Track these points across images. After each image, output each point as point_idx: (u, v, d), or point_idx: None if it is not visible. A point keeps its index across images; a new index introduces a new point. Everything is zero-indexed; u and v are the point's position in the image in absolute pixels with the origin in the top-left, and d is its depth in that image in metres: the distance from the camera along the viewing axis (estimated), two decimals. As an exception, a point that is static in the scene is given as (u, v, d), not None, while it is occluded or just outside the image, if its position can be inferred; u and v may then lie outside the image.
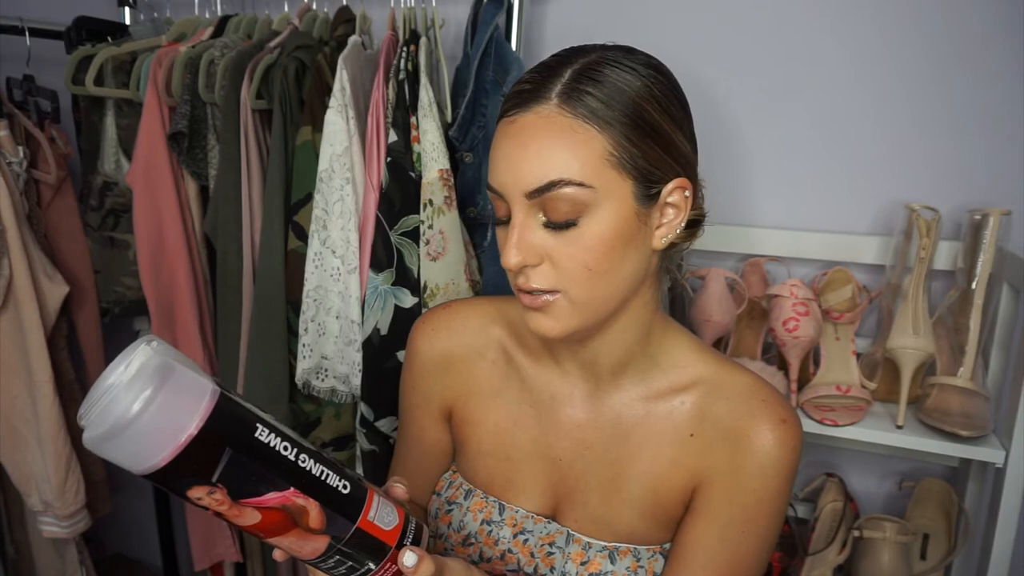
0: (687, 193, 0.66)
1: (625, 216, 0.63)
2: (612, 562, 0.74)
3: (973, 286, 1.04)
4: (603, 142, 0.61)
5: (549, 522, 0.78)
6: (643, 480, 0.74)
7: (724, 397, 0.72)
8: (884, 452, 1.25)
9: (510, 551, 0.78)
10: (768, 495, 0.70)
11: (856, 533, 1.14)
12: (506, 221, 0.66)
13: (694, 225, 0.70)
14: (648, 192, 0.64)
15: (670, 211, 0.67)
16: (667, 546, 0.75)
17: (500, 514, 0.79)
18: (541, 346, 0.79)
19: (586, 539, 0.76)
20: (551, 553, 0.76)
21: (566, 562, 0.75)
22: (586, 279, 0.64)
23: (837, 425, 1.05)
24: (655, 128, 0.63)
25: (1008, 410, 1.00)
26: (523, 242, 0.63)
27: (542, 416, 0.78)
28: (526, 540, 0.78)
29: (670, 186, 0.65)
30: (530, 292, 0.65)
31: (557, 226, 0.63)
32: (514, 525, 0.78)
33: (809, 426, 1.07)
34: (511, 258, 0.63)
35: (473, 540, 0.79)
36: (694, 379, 0.74)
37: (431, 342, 0.84)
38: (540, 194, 0.62)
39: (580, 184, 0.61)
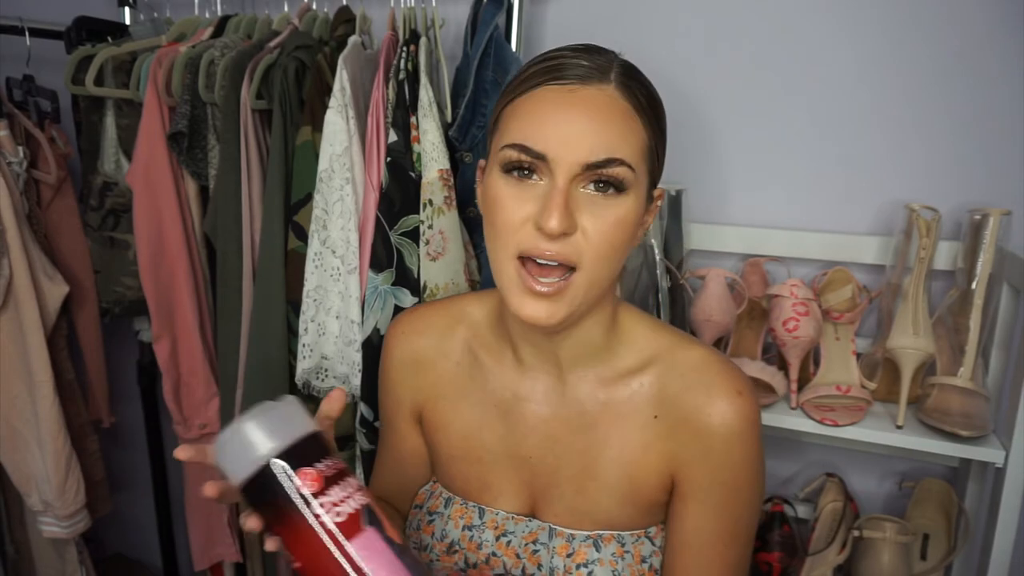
0: (659, 202, 0.72)
1: (640, 208, 0.67)
2: (597, 550, 0.75)
3: (973, 286, 1.04)
4: (644, 137, 0.66)
5: (530, 520, 0.78)
6: (615, 467, 0.75)
7: (679, 374, 0.73)
8: (884, 452, 1.25)
9: (495, 554, 0.78)
10: (743, 463, 0.72)
11: (856, 533, 1.14)
12: (525, 174, 0.64)
13: None
14: (649, 193, 0.69)
15: (646, 215, 0.71)
16: (651, 531, 0.77)
17: (480, 518, 0.79)
18: (502, 344, 0.79)
19: (568, 531, 0.76)
20: (536, 551, 0.77)
21: (552, 557, 0.76)
22: (607, 255, 0.65)
23: (837, 425, 1.05)
24: (664, 137, 0.70)
25: (1008, 410, 1.00)
26: (567, 209, 0.63)
27: (507, 415, 0.79)
28: (509, 542, 0.78)
29: (656, 192, 0.71)
30: (542, 267, 0.64)
31: (602, 195, 0.64)
32: (495, 527, 0.79)
33: (809, 426, 1.07)
34: (554, 224, 0.62)
35: (457, 547, 0.79)
36: (649, 358, 0.75)
37: (401, 345, 0.85)
38: (597, 168, 0.63)
39: (631, 167, 0.64)
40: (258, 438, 0.55)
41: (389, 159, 1.11)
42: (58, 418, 1.34)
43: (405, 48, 1.12)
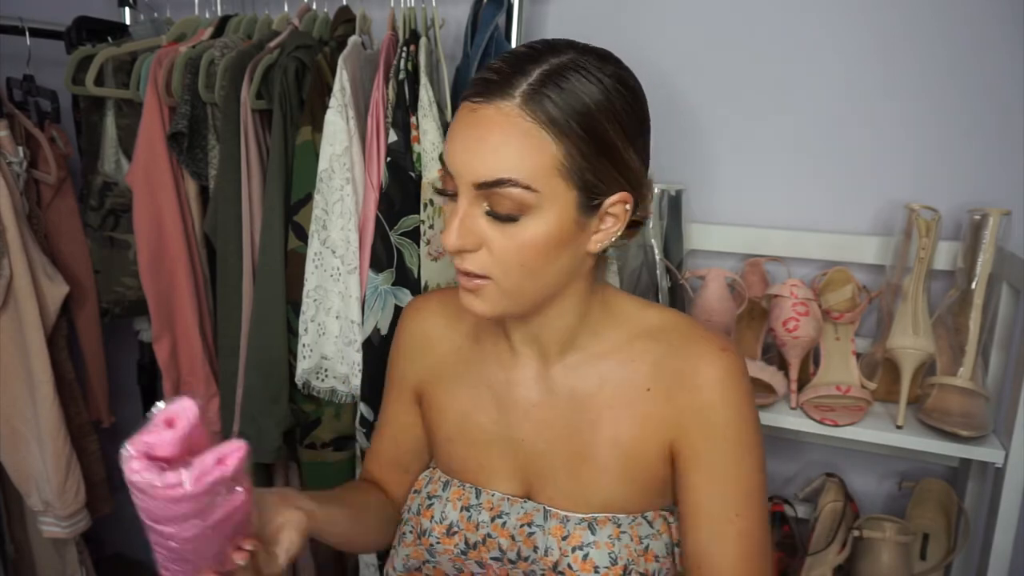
0: (628, 206, 0.69)
1: (564, 222, 0.66)
2: (592, 532, 0.75)
3: (973, 286, 1.04)
4: (556, 151, 0.64)
5: (525, 502, 0.80)
6: (609, 446, 0.76)
7: (666, 342, 0.75)
8: (884, 452, 1.25)
9: (490, 535, 0.79)
10: (739, 416, 0.73)
11: (856, 533, 1.14)
12: (453, 195, 0.68)
13: (634, 226, 0.73)
14: (590, 203, 0.67)
15: (609, 220, 0.69)
16: (648, 515, 0.77)
17: (477, 498, 0.81)
18: (498, 331, 0.81)
19: (563, 513, 0.77)
20: (531, 533, 0.78)
21: (547, 539, 0.76)
22: (517, 273, 0.67)
23: (837, 425, 1.05)
24: (609, 145, 0.66)
25: (1008, 410, 1.00)
26: (463, 227, 0.66)
27: (501, 399, 0.81)
28: (504, 523, 0.79)
29: (613, 199, 0.68)
30: (465, 273, 0.69)
31: (498, 218, 0.65)
32: (491, 508, 0.80)
33: (809, 426, 1.07)
34: (451, 241, 0.66)
35: (456, 528, 0.81)
36: (638, 333, 0.77)
37: (415, 322, 0.89)
38: (488, 188, 0.64)
39: (526, 187, 0.64)
40: None
41: (389, 159, 1.11)
42: (58, 418, 1.34)
43: (405, 48, 1.12)
